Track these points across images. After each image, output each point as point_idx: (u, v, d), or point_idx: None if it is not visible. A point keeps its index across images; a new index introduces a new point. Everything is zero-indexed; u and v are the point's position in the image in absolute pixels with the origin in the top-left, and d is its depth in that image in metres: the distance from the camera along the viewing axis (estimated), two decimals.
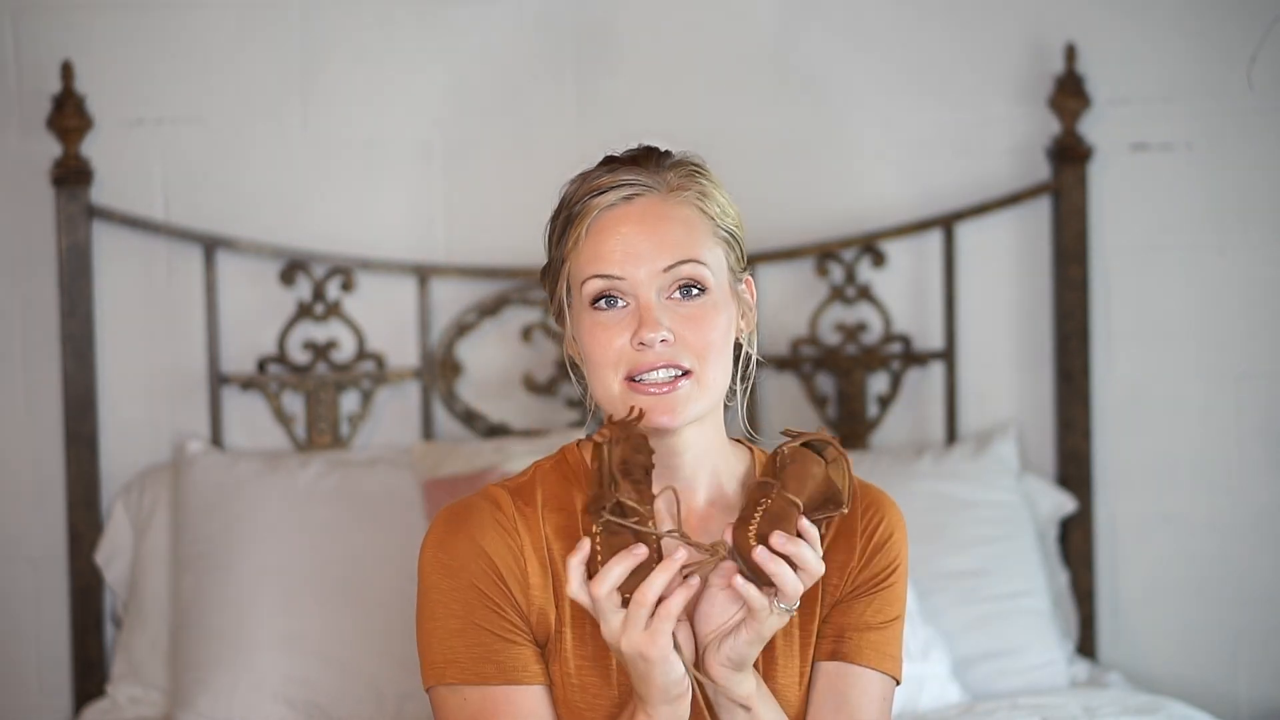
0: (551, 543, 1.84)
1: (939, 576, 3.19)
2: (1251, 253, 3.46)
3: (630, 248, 1.81)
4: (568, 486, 1.87)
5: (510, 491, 1.86)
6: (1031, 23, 3.43)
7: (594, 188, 1.84)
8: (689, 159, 1.89)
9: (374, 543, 3.14)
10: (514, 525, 1.83)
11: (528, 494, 1.86)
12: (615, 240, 1.82)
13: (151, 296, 3.34)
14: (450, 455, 3.24)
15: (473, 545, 1.82)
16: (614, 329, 1.82)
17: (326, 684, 3.05)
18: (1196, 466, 3.48)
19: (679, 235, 1.82)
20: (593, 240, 1.82)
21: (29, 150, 3.31)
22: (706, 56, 3.42)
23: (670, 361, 1.81)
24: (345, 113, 3.37)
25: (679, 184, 1.85)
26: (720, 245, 1.85)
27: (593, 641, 1.84)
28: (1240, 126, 3.44)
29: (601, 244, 1.82)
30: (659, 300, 1.81)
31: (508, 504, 1.84)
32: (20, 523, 3.36)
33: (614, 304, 1.82)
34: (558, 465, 1.89)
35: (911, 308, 3.45)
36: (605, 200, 1.83)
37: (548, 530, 1.84)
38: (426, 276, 3.36)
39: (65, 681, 3.35)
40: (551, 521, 1.85)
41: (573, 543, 1.82)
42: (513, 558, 1.82)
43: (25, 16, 3.32)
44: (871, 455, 3.35)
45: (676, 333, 1.81)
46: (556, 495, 1.87)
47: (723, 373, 1.84)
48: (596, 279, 1.82)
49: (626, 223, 1.82)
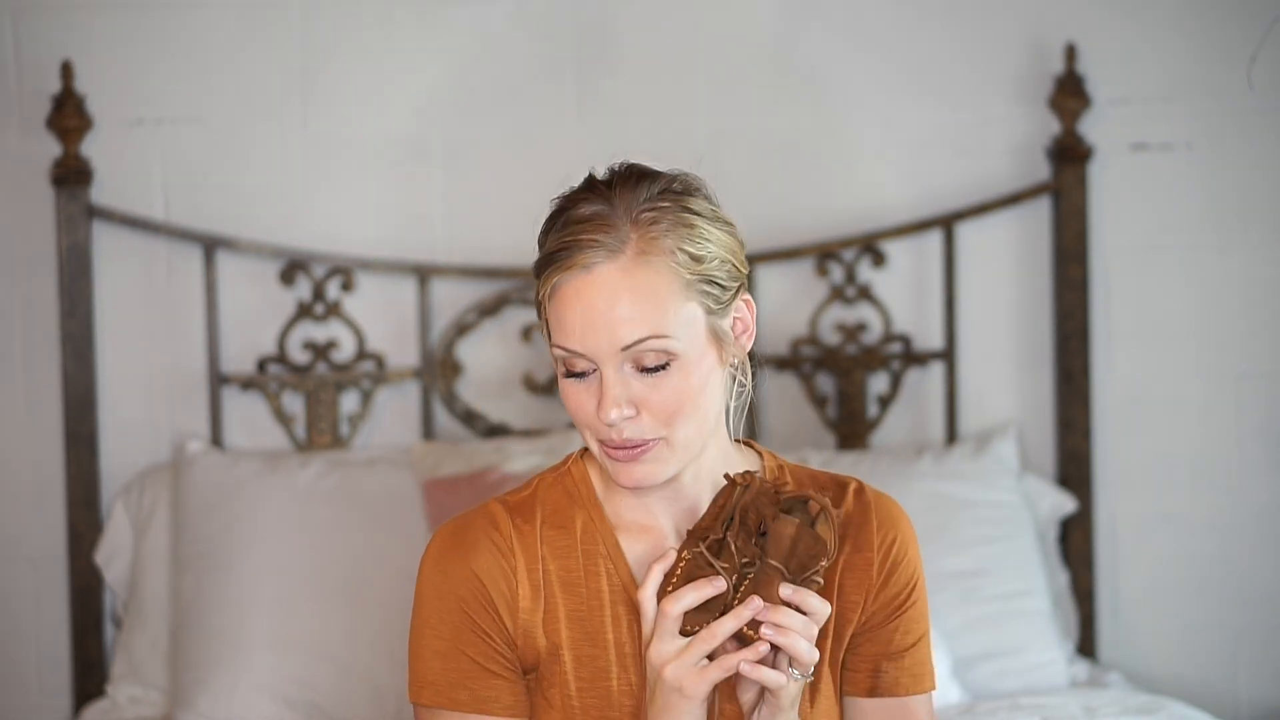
0: (548, 563, 1.81)
1: (939, 576, 3.19)
2: (1251, 253, 3.46)
3: (589, 322, 1.74)
4: (569, 503, 1.83)
5: (510, 508, 1.83)
6: (1031, 23, 3.43)
7: (558, 248, 1.76)
8: (671, 186, 1.79)
9: (374, 543, 3.14)
10: (510, 545, 1.80)
11: (527, 511, 1.83)
12: (575, 313, 1.74)
13: (151, 296, 3.34)
14: (450, 455, 3.24)
15: (465, 568, 1.79)
16: (583, 393, 1.77)
17: (326, 684, 3.05)
18: (1196, 466, 3.48)
19: (642, 309, 1.74)
20: (556, 306, 1.76)
21: (29, 150, 3.31)
22: (706, 56, 3.42)
23: (634, 437, 1.76)
24: (345, 113, 3.37)
25: (650, 235, 1.75)
26: (696, 296, 1.76)
27: (591, 664, 1.80)
28: (1240, 126, 3.44)
29: (563, 314, 1.75)
30: (620, 373, 1.75)
31: (505, 523, 1.81)
32: (20, 523, 3.36)
33: (580, 375, 1.77)
34: (560, 480, 1.85)
35: (911, 308, 3.45)
36: (564, 267, 1.75)
37: (544, 550, 1.81)
38: (426, 276, 3.36)
39: (65, 681, 3.35)
40: (549, 541, 1.82)
41: (569, 562, 1.80)
42: (504, 581, 1.79)
43: (25, 16, 3.32)
44: (871, 455, 3.35)
45: (640, 402, 1.75)
46: (556, 512, 1.83)
47: (697, 427, 1.78)
48: (559, 349, 1.77)
49: (585, 294, 1.74)
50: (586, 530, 1.82)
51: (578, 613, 1.80)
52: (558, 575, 1.80)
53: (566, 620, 1.80)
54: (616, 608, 1.80)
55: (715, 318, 1.78)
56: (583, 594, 1.80)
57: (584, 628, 1.80)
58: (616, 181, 1.80)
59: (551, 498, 1.84)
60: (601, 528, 1.82)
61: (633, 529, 1.83)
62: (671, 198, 1.78)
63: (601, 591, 1.80)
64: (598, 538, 1.82)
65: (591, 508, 1.83)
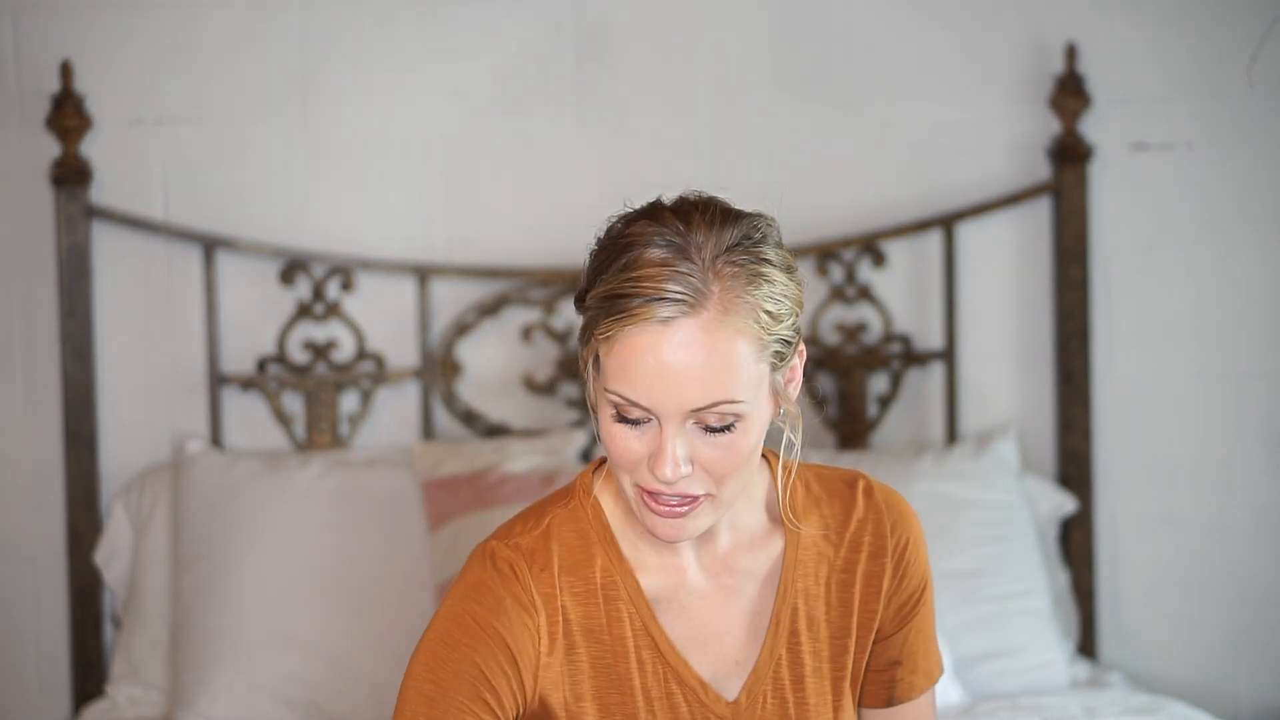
0: (568, 611, 1.72)
1: (939, 576, 3.19)
2: (1252, 253, 3.46)
3: (660, 379, 1.61)
4: (584, 543, 1.74)
5: (526, 555, 1.72)
6: (1032, 22, 3.43)
7: (628, 292, 1.61)
8: (752, 233, 1.66)
9: (374, 543, 3.14)
10: (531, 599, 1.71)
11: (543, 557, 1.72)
12: (646, 367, 1.61)
13: (151, 296, 3.34)
14: (450, 455, 3.23)
15: (488, 626, 1.69)
16: (633, 440, 1.65)
17: (326, 684, 3.05)
18: (1197, 466, 3.48)
19: (719, 373, 1.62)
20: (620, 353, 1.62)
21: (29, 150, 3.31)
22: (706, 56, 3.41)
23: (684, 493, 1.66)
24: (345, 112, 3.37)
25: (733, 290, 1.63)
26: (768, 356, 1.66)
27: (620, 710, 1.73)
28: (1240, 126, 3.44)
29: (629, 364, 1.61)
30: (682, 430, 1.64)
31: (524, 572, 1.71)
32: (20, 523, 3.35)
33: (632, 422, 1.64)
34: (573, 516, 1.75)
35: (911, 308, 3.45)
36: (637, 318, 1.61)
37: (564, 599, 1.72)
38: (426, 276, 3.36)
39: (65, 681, 3.35)
40: (568, 588, 1.72)
41: (590, 609, 1.72)
42: (529, 640, 1.70)
43: (25, 16, 3.32)
44: (872, 455, 3.35)
45: (696, 459, 1.65)
46: (572, 553, 1.74)
47: (743, 482, 1.69)
48: (616, 395, 1.63)
49: (660, 350, 1.60)
50: (605, 572, 1.73)
51: (602, 660, 1.73)
52: (578, 623, 1.72)
53: (591, 669, 1.73)
54: (641, 652, 1.73)
55: (777, 374, 1.69)
56: (605, 640, 1.73)
57: (609, 675, 1.73)
58: (695, 218, 1.66)
59: (566, 537, 1.74)
60: (620, 568, 1.74)
61: (652, 567, 1.75)
62: (753, 246, 1.66)
63: (625, 637, 1.73)
64: (617, 580, 1.73)
65: (608, 546, 1.74)
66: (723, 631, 1.76)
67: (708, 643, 1.75)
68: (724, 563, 1.77)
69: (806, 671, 1.77)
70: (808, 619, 1.77)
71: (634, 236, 1.64)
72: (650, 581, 1.75)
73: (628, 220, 1.68)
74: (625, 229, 1.67)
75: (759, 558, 1.77)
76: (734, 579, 1.76)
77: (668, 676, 1.73)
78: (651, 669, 1.73)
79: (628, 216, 1.69)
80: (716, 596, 1.76)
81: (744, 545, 1.77)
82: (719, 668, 1.75)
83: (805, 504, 1.80)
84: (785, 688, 1.75)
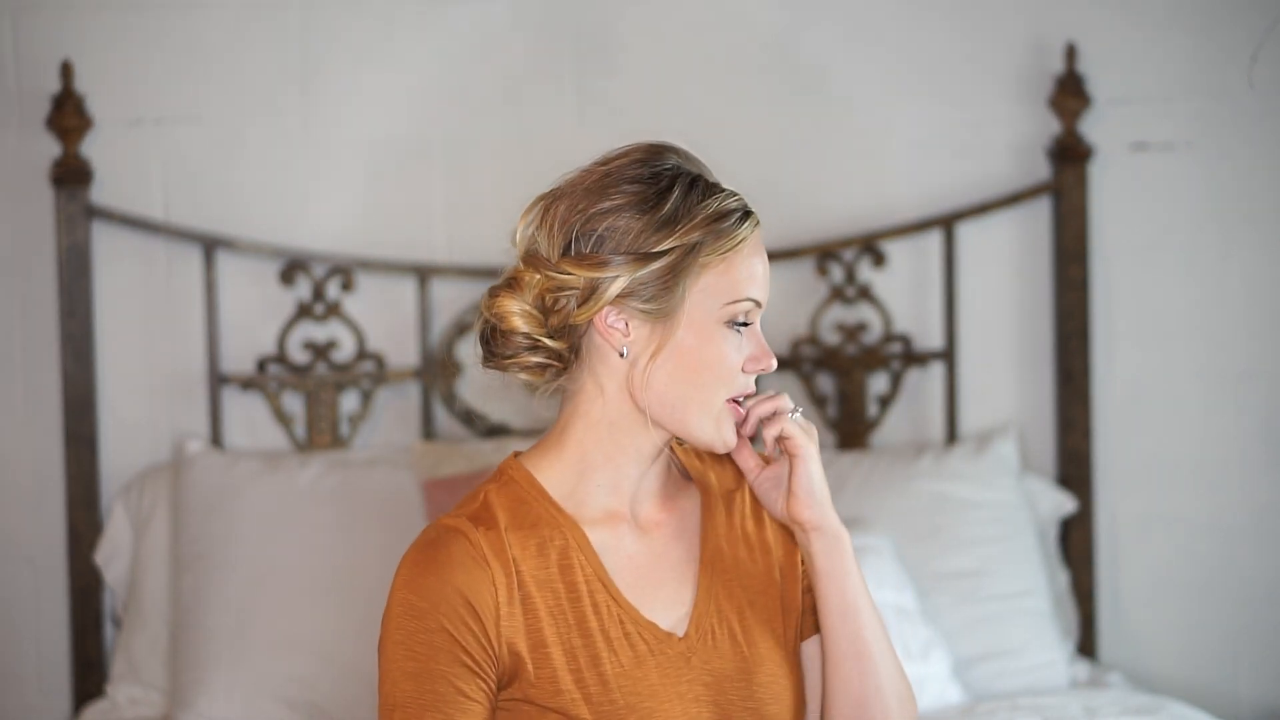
0: (519, 564, 1.81)
1: (939, 576, 3.19)
2: (1252, 253, 3.46)
3: (766, 275, 1.86)
4: (526, 506, 1.84)
5: (469, 518, 1.82)
6: (1032, 22, 3.43)
7: (732, 207, 1.86)
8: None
9: (374, 543, 3.14)
10: (483, 555, 1.80)
11: (488, 518, 1.82)
12: (759, 266, 1.85)
13: (151, 296, 3.34)
14: (450, 455, 3.24)
15: (445, 585, 1.79)
16: (735, 350, 1.84)
17: (326, 684, 3.05)
18: (1197, 466, 3.48)
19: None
20: (745, 260, 1.84)
21: (29, 150, 3.31)
22: (707, 56, 3.42)
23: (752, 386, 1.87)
24: (345, 112, 3.37)
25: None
26: None
27: (585, 652, 1.81)
28: (1240, 126, 3.44)
29: (753, 267, 1.84)
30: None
31: (472, 532, 1.81)
32: (20, 523, 3.36)
33: (742, 328, 1.85)
34: (506, 486, 1.86)
35: (911, 308, 3.45)
36: (754, 223, 1.86)
37: (514, 553, 1.81)
38: (426, 276, 3.36)
39: (65, 682, 3.35)
40: (517, 544, 1.82)
41: (541, 560, 1.81)
42: (486, 591, 1.79)
43: (25, 16, 3.32)
44: (872, 455, 3.35)
45: None
46: (515, 515, 1.83)
47: None
48: (748, 301, 1.84)
49: (760, 251, 1.86)
50: (551, 527, 1.83)
51: (559, 607, 1.81)
52: (531, 575, 1.81)
53: (549, 615, 1.80)
54: (595, 596, 1.82)
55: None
56: (559, 588, 1.81)
57: (567, 620, 1.81)
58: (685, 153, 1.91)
59: (505, 503, 1.84)
60: (565, 521, 1.83)
61: (596, 520, 1.85)
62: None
63: (578, 583, 1.82)
64: (565, 533, 1.83)
65: (549, 504, 1.84)
66: (663, 576, 1.86)
67: (651, 587, 1.85)
68: (654, 516, 1.88)
69: (744, 604, 1.87)
70: (733, 558, 1.88)
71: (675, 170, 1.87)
72: (594, 533, 1.84)
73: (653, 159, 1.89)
74: (657, 165, 1.87)
75: (681, 509, 1.89)
76: (663, 530, 1.87)
77: (622, 618, 1.82)
78: (606, 611, 1.82)
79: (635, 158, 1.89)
80: (652, 546, 1.87)
81: (666, 500, 1.89)
82: (664, 609, 1.85)
83: (700, 468, 1.92)
84: (730, 620, 1.86)
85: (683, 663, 1.82)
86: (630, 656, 1.81)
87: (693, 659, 1.83)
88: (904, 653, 2.96)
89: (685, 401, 1.82)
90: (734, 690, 1.84)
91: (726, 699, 1.83)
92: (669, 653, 1.82)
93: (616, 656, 1.81)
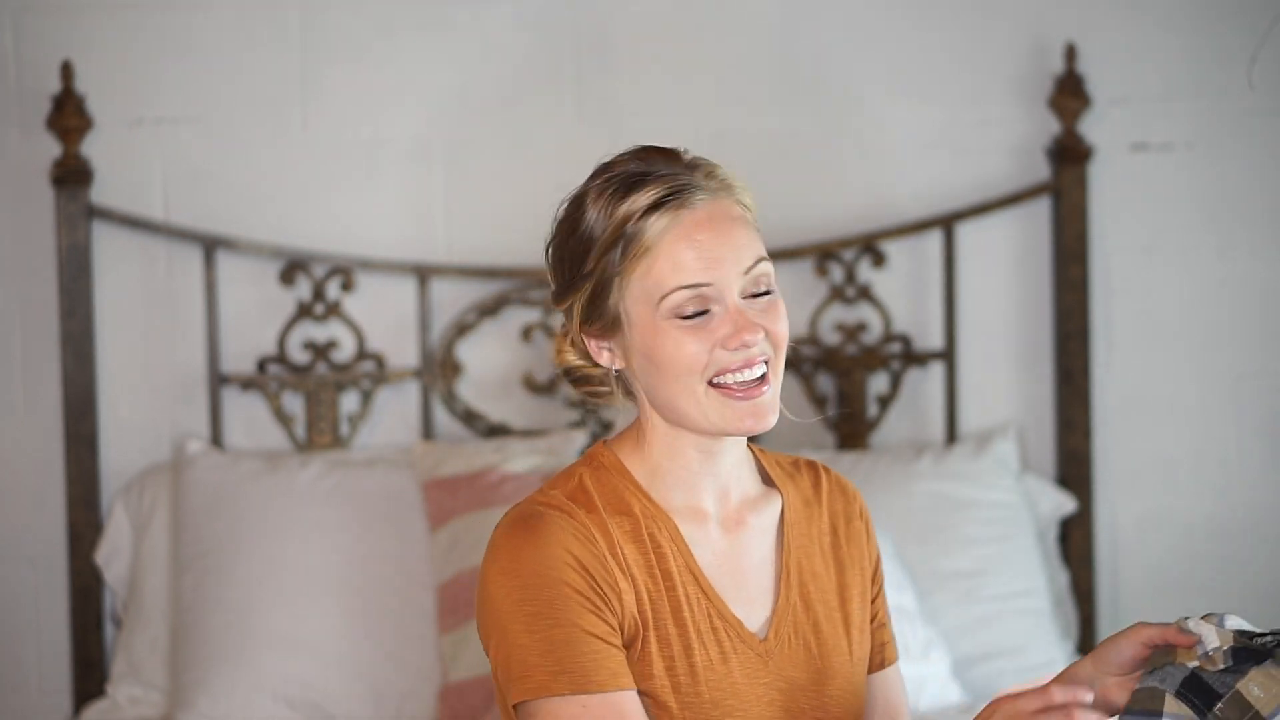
0: (623, 546, 1.79)
1: (939, 576, 3.19)
2: (1251, 253, 3.46)
3: (711, 252, 1.77)
4: (619, 493, 1.82)
5: (569, 499, 1.80)
6: (1031, 23, 3.43)
7: (663, 194, 1.79)
8: (697, 156, 1.84)
9: (374, 543, 3.14)
10: (589, 531, 1.77)
11: (586, 499, 1.80)
12: (694, 248, 1.77)
13: (151, 296, 3.35)
14: (450, 455, 3.23)
15: (557, 548, 1.76)
16: (699, 335, 1.77)
17: (326, 684, 3.05)
18: (1196, 466, 3.48)
19: (749, 233, 1.81)
20: (668, 249, 1.77)
21: (29, 150, 3.31)
22: (706, 56, 3.42)
23: (752, 360, 1.79)
24: (345, 113, 3.37)
25: (718, 175, 1.82)
26: (760, 245, 1.83)
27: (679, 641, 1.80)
28: (1240, 126, 3.44)
29: (679, 253, 1.77)
30: (741, 301, 1.79)
31: (575, 511, 1.78)
32: (20, 523, 3.36)
33: (700, 314, 1.77)
34: (598, 472, 1.83)
35: (911, 308, 3.45)
36: (675, 207, 1.78)
37: (617, 534, 1.79)
38: (426, 276, 3.36)
39: (65, 681, 3.35)
40: (618, 525, 1.79)
41: (639, 545, 1.79)
42: (599, 561, 1.76)
43: (25, 16, 3.32)
44: (871, 455, 3.35)
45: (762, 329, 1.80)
46: (613, 500, 1.81)
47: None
48: (682, 290, 1.77)
49: (704, 226, 1.78)
50: (644, 515, 1.81)
51: (656, 593, 1.79)
52: (630, 558, 1.79)
53: (647, 600, 1.79)
54: (686, 588, 1.81)
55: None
56: (657, 575, 1.80)
57: (665, 607, 1.79)
58: (645, 153, 1.84)
59: (600, 488, 1.82)
60: (657, 511, 1.82)
61: (683, 512, 1.83)
62: (708, 163, 1.85)
63: (672, 572, 1.80)
64: (657, 521, 1.81)
65: (641, 494, 1.82)
66: (746, 577, 1.85)
67: (735, 586, 1.84)
68: (736, 516, 1.86)
69: (820, 618, 1.86)
70: (810, 571, 1.87)
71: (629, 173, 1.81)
72: (683, 527, 1.83)
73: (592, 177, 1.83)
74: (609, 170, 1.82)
75: (763, 513, 1.87)
76: (745, 532, 1.86)
77: (711, 612, 1.81)
78: (697, 603, 1.81)
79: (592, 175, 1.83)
80: (735, 546, 1.85)
81: (749, 502, 1.87)
82: (747, 610, 1.84)
83: (780, 476, 1.91)
84: (806, 631, 1.85)
85: (760, 665, 1.82)
86: (717, 652, 1.81)
87: (770, 663, 1.82)
88: (904, 653, 2.96)
89: (671, 398, 1.80)
90: (805, 699, 1.83)
91: (798, 706, 1.82)
92: (749, 653, 1.81)
93: (706, 650, 1.80)
